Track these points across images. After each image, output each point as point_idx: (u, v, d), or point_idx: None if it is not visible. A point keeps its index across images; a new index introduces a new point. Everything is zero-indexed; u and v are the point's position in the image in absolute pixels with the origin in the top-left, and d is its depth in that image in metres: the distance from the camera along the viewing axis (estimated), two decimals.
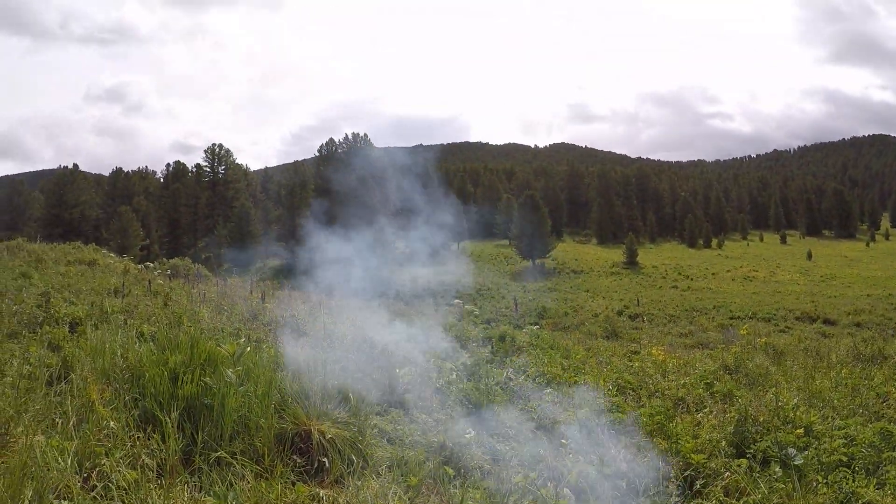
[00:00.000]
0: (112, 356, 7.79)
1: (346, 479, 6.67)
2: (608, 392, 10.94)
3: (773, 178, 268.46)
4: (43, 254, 31.84)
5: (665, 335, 42.21)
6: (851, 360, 14.45)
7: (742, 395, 10.12)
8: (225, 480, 5.98)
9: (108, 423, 6.25)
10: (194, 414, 6.80)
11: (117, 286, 20.16)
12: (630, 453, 7.50)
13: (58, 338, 10.30)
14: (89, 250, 38.20)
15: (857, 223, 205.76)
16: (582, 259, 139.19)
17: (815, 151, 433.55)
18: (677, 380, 11.75)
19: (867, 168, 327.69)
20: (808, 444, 7.65)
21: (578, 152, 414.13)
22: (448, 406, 10.03)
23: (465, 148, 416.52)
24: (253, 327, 14.68)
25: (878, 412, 9.34)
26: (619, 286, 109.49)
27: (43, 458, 5.32)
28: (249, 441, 6.75)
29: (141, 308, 15.58)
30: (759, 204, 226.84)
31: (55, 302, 13.48)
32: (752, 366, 12.69)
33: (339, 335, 13.88)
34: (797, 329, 52.16)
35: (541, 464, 7.53)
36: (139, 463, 5.92)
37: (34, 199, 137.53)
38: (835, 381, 11.37)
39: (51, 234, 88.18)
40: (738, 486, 6.81)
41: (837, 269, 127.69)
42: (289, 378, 8.10)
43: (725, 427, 8.32)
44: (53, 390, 7.14)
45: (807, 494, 6.42)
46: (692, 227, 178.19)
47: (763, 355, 14.92)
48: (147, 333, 10.75)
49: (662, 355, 14.12)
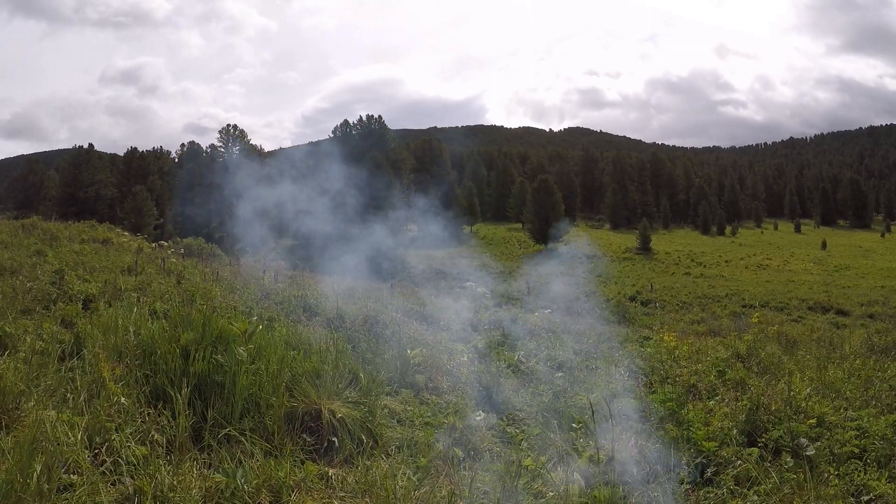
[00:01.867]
0: (124, 333, 7.81)
1: (355, 459, 6.67)
2: (619, 377, 10.90)
3: (789, 166, 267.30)
4: (58, 232, 31.93)
5: (677, 322, 42.15)
6: (865, 352, 14.35)
7: (754, 383, 10.06)
8: (234, 457, 5.98)
9: (118, 398, 6.26)
10: (205, 391, 6.81)
11: (131, 264, 20.21)
12: (641, 439, 7.47)
13: (71, 314, 10.35)
14: (103, 229, 38.29)
15: (872, 213, 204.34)
16: (595, 244, 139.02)
17: (831, 140, 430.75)
18: (689, 366, 11.69)
19: (884, 158, 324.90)
20: (821, 434, 7.59)
21: (593, 137, 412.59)
22: (459, 388, 10.02)
23: (480, 131, 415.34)
24: (265, 306, 14.68)
25: (891, 404, 9.26)
26: (632, 272, 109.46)
27: (53, 432, 5.33)
28: (259, 419, 6.75)
29: (154, 286, 15.61)
30: (774, 192, 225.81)
31: (69, 279, 13.52)
32: (764, 355, 12.62)
33: (352, 315, 13.89)
34: (810, 319, 52.03)
35: (551, 447, 7.51)
36: (149, 439, 5.93)
37: (49, 179, 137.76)
38: (848, 372, 11.27)
39: (66, 213, 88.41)
40: (749, 475, 6.78)
41: (852, 260, 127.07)
42: (300, 357, 8.11)
43: (737, 415, 8.26)
44: (65, 366, 7.16)
45: (818, 486, 6.37)
46: (706, 214, 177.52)
47: (776, 344, 14.84)
48: (160, 311, 10.78)
49: (674, 341, 14.04)
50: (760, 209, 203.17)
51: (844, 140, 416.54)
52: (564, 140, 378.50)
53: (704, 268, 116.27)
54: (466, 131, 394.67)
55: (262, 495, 5.61)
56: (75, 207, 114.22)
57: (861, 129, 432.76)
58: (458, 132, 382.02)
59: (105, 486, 5.20)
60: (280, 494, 5.69)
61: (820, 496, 6.20)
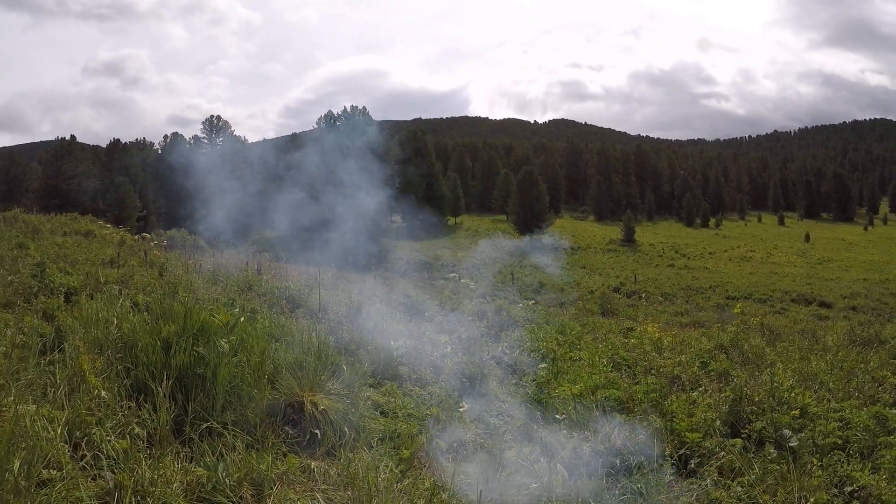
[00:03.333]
0: (105, 326, 7.76)
1: (337, 451, 6.65)
2: (603, 368, 10.91)
3: (773, 159, 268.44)
4: (39, 224, 31.71)
5: (661, 313, 42.28)
6: (847, 344, 14.43)
7: (738, 374, 10.09)
8: (216, 451, 5.95)
9: (99, 392, 6.21)
10: (186, 384, 6.76)
11: (113, 256, 20.09)
12: (625, 430, 7.47)
13: (52, 308, 10.26)
14: (86, 221, 38.05)
15: (856, 207, 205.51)
16: (579, 235, 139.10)
17: (815, 133, 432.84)
18: (673, 357, 11.72)
19: (868, 152, 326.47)
20: (804, 426, 7.62)
21: (578, 129, 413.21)
22: (442, 379, 10.01)
23: (464, 122, 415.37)
24: (248, 298, 14.62)
25: (873, 396, 9.32)
26: (616, 263, 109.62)
27: (32, 427, 5.28)
28: (241, 411, 6.72)
29: (136, 278, 15.50)
30: (759, 184, 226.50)
31: (51, 272, 13.40)
32: (747, 346, 12.66)
33: (335, 307, 13.85)
34: (793, 311, 52.34)
35: (534, 438, 7.50)
36: (130, 432, 5.88)
37: (32, 171, 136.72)
38: (830, 364, 11.34)
39: (48, 205, 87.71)
40: (733, 466, 6.79)
41: (835, 253, 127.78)
42: (283, 349, 8.07)
43: (720, 406, 8.29)
44: (46, 360, 7.10)
45: (801, 477, 6.39)
46: (690, 206, 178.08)
47: (759, 336, 14.89)
48: (142, 303, 10.70)
49: (658, 333, 14.08)
50: (744, 202, 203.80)
51: (828, 134, 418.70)
52: (549, 132, 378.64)
53: (688, 259, 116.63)
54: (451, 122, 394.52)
55: (244, 488, 5.58)
56: (58, 199, 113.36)
57: (845, 123, 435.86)
58: (442, 123, 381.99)
59: (85, 480, 5.16)
60: (262, 487, 5.66)
61: (803, 487, 6.22)
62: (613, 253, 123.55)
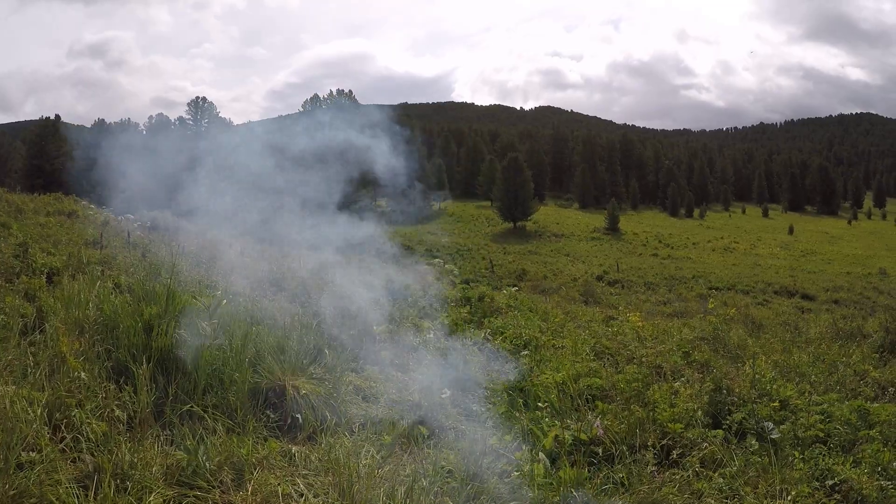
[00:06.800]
0: (86, 307, 7.70)
1: (319, 436, 6.63)
2: (585, 356, 10.91)
3: (759, 151, 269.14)
4: (22, 204, 31.42)
5: (644, 302, 42.40)
6: (830, 337, 14.48)
7: (718, 365, 10.11)
8: (196, 434, 5.92)
9: (78, 374, 6.17)
10: (167, 366, 6.75)
11: (96, 237, 19.96)
12: (607, 419, 7.47)
13: (34, 288, 10.17)
14: (69, 201, 37.80)
15: (840, 200, 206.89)
16: (563, 223, 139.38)
17: (800, 126, 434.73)
18: (655, 347, 11.72)
19: (853, 146, 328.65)
20: (785, 418, 7.64)
21: (564, 116, 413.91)
22: (424, 365, 9.99)
23: (450, 108, 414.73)
24: (231, 280, 14.56)
25: (855, 389, 9.36)
26: (600, 251, 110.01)
27: (12, 409, 5.24)
28: (222, 395, 6.69)
29: (119, 259, 15.41)
30: (743, 176, 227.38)
31: (33, 252, 13.30)
32: (729, 337, 12.68)
33: (317, 290, 13.81)
34: (775, 303, 52.52)
35: (516, 426, 7.50)
36: (110, 415, 5.85)
37: (15, 150, 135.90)
38: (813, 357, 11.37)
39: (32, 185, 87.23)
40: (715, 457, 6.80)
41: (818, 246, 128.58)
42: (265, 332, 8.04)
43: (702, 396, 8.30)
44: (27, 340, 7.05)
45: (783, 469, 6.41)
46: (674, 196, 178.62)
47: (741, 327, 14.93)
48: (124, 285, 10.64)
49: (641, 322, 14.09)
50: (729, 193, 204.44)
51: (814, 127, 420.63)
52: (535, 119, 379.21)
53: (672, 249, 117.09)
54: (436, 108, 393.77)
55: (224, 472, 5.56)
56: (42, 179, 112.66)
57: (831, 116, 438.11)
58: (428, 108, 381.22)
59: (64, 463, 5.14)
60: (242, 472, 5.64)
61: (785, 479, 6.24)
62: (597, 241, 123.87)
